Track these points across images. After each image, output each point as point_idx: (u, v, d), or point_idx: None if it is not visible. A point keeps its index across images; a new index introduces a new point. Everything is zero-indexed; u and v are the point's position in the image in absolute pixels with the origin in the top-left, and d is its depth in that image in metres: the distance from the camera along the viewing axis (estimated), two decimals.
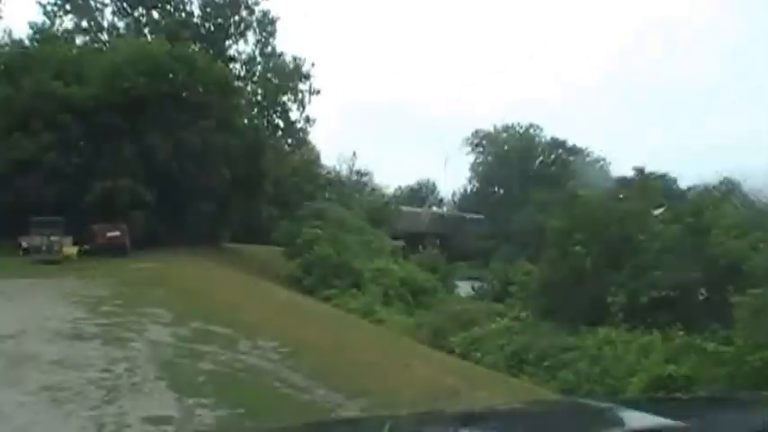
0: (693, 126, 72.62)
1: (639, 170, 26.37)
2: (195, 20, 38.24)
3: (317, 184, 41.04)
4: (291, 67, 39.37)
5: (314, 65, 39.12)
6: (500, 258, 36.17)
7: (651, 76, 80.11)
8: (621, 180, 34.72)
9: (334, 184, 45.27)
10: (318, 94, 39.04)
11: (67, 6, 36.18)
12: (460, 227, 52.50)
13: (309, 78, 39.01)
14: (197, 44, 34.03)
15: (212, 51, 34.96)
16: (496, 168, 57.09)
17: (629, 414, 1.70)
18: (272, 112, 38.98)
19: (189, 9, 38.28)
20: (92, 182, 24.82)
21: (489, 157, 58.76)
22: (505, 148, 57.70)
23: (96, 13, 37.44)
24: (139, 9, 37.49)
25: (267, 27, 39.80)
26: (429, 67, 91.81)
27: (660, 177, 35.37)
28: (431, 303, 25.46)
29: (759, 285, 12.65)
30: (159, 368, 8.50)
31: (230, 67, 36.35)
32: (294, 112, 39.37)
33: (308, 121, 39.88)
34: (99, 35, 37.30)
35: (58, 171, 24.49)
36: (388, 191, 56.32)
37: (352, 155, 53.76)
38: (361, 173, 55.00)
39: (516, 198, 51.04)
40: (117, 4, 37.41)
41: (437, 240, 40.81)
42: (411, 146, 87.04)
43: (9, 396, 6.92)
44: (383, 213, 40.43)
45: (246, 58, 40.08)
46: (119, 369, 8.35)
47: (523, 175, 53.81)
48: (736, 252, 15.73)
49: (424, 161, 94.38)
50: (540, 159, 57.54)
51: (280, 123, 39.56)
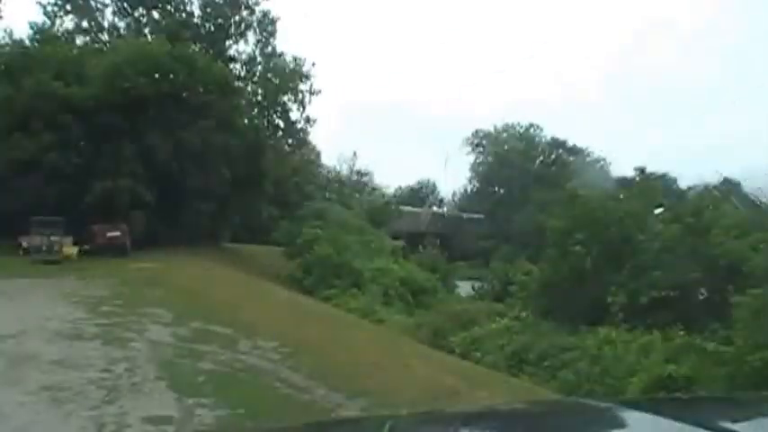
0: (693, 126, 72.64)
1: (640, 170, 26.45)
2: (195, 20, 38.18)
3: (317, 184, 41.02)
4: (292, 67, 39.25)
5: (314, 65, 39.04)
6: (500, 258, 36.17)
7: (651, 76, 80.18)
8: (622, 180, 34.82)
9: (334, 184, 45.25)
10: (319, 94, 38.92)
11: (68, 6, 36.12)
12: (461, 227, 52.46)
13: (310, 78, 38.89)
14: (197, 44, 34.00)
15: (212, 51, 34.93)
16: (497, 168, 57.02)
17: (629, 414, 1.69)
18: (272, 112, 38.87)
19: (189, 9, 38.21)
20: (92, 182, 24.84)
21: (489, 158, 58.70)
22: (506, 148, 57.63)
23: (97, 13, 37.39)
24: (140, 9, 37.44)
25: (267, 27, 39.72)
26: (429, 67, 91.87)
27: (660, 177, 35.45)
28: (431, 303, 25.47)
29: (759, 285, 12.65)
30: (159, 368, 8.50)
31: (230, 67, 36.31)
32: (294, 113, 39.25)
33: (308, 121, 39.78)
34: (99, 35, 37.26)
35: (58, 171, 24.49)
36: (389, 191, 56.31)
37: (353, 155, 53.79)
38: (361, 173, 55.02)
39: (516, 198, 51.04)
40: (117, 4, 37.37)
41: (437, 240, 40.78)
42: (411, 146, 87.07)
43: (9, 396, 6.92)
44: (383, 213, 40.40)
45: (247, 58, 40.00)
46: (119, 369, 8.35)
47: (524, 175, 53.76)
48: (736, 252, 15.74)
49: (424, 161, 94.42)
50: (541, 159, 57.49)
51: (280, 123, 39.44)
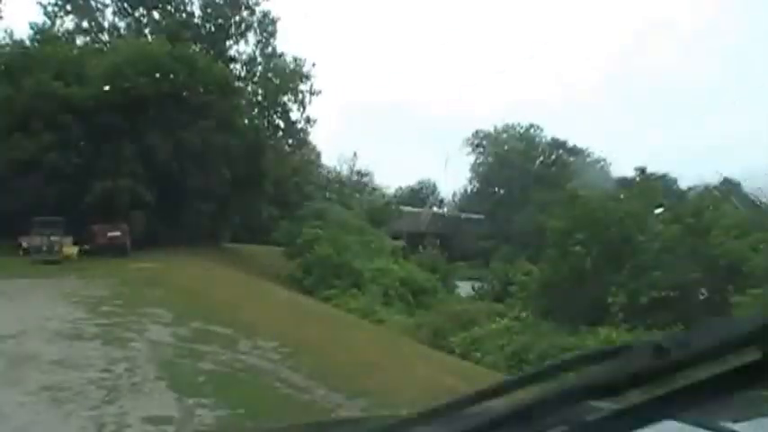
0: (693, 126, 72.50)
1: (640, 170, 26.46)
2: (196, 20, 38.23)
3: (317, 185, 41.03)
4: (292, 67, 39.31)
5: (314, 65, 39.11)
6: (500, 258, 36.14)
7: (651, 76, 79.96)
8: (622, 180, 34.80)
9: (334, 185, 45.26)
10: (319, 94, 38.99)
11: (68, 7, 36.17)
12: (461, 227, 52.46)
13: (310, 79, 38.96)
14: (197, 45, 34.03)
15: (213, 52, 34.98)
16: (497, 169, 56.99)
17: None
18: (272, 112, 38.91)
19: (189, 9, 38.27)
20: (92, 182, 24.85)
21: (490, 158, 58.67)
22: (506, 148, 57.63)
23: (97, 13, 37.44)
24: (140, 9, 37.48)
25: (268, 27, 39.77)
26: (429, 67, 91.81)
27: (660, 178, 35.43)
28: (431, 303, 25.46)
29: (759, 285, 12.67)
30: (159, 368, 8.50)
31: (231, 67, 36.36)
32: (294, 113, 39.34)
33: (308, 121, 39.83)
34: (100, 35, 37.31)
35: (58, 171, 24.50)
36: (389, 191, 56.25)
37: (353, 155, 53.79)
38: (361, 173, 55.01)
39: (516, 198, 51.00)
40: (118, 4, 37.41)
41: (437, 240, 40.77)
42: (411, 146, 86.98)
43: (9, 396, 6.92)
44: (383, 213, 40.42)
45: (247, 58, 40.06)
46: (119, 369, 8.35)
47: (524, 175, 53.75)
48: (736, 252, 15.76)
49: (424, 161, 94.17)
50: (541, 160, 57.48)
51: (280, 124, 39.49)
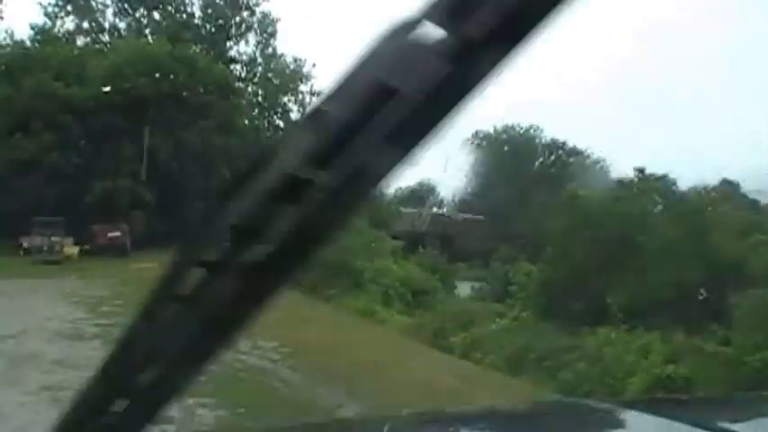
0: (693, 126, 72.51)
1: (639, 171, 26.41)
2: (196, 21, 38.27)
3: None
4: (292, 68, 39.37)
5: (315, 66, 39.17)
6: (500, 259, 36.07)
7: (651, 76, 79.91)
8: (622, 181, 34.72)
9: None
10: (319, 95, 39.01)
11: (68, 7, 36.19)
12: (460, 227, 52.43)
13: (310, 79, 39.05)
14: (198, 45, 34.07)
15: (213, 52, 35.00)
16: (497, 169, 56.96)
17: (628, 415, 1.70)
18: (272, 112, 38.97)
19: (190, 10, 38.33)
20: (92, 182, 24.88)
21: (490, 158, 58.68)
22: (506, 148, 57.64)
23: (97, 14, 37.48)
24: (140, 10, 37.51)
25: (268, 28, 39.81)
26: None
27: (660, 178, 35.38)
28: (431, 304, 25.44)
29: (759, 286, 12.66)
30: None
31: (231, 68, 36.39)
32: (295, 113, 39.39)
33: None
34: (100, 36, 37.33)
35: (58, 171, 24.52)
36: (389, 191, 56.25)
37: None
38: None
39: (516, 199, 50.96)
40: (118, 4, 37.45)
41: (437, 241, 40.78)
42: None
43: (10, 396, 6.93)
44: (383, 214, 40.41)
45: (247, 59, 40.11)
46: None
47: (524, 175, 53.74)
48: (736, 253, 15.75)
49: (424, 162, 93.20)
50: (541, 160, 57.49)
51: (280, 124, 39.57)
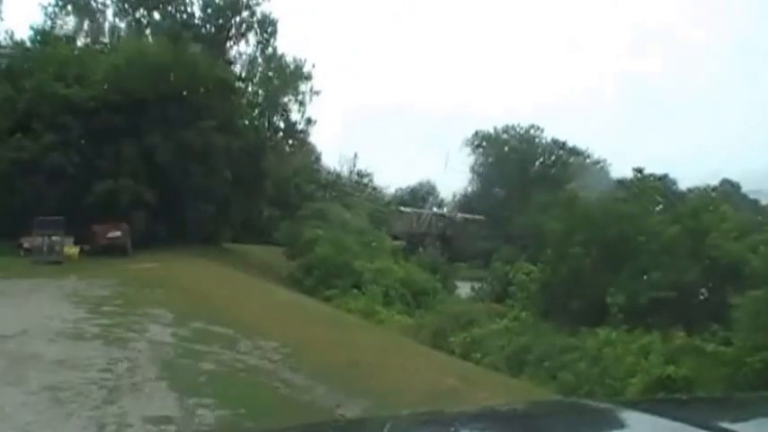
0: (693, 127, 72.60)
1: (639, 171, 26.46)
2: (196, 21, 38.32)
3: (317, 185, 41.09)
4: (292, 68, 39.43)
5: (314, 66, 39.23)
6: (500, 259, 36.09)
7: (651, 76, 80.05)
8: (622, 181, 34.75)
9: (334, 185, 45.29)
10: (319, 95, 39.12)
11: (69, 8, 36.25)
12: (461, 228, 52.50)
13: (310, 79, 39.12)
14: (198, 45, 34.07)
15: (213, 52, 35.02)
16: (497, 169, 57.02)
17: (628, 415, 1.71)
18: (272, 112, 39.02)
19: (190, 10, 38.38)
20: (93, 182, 24.85)
21: (490, 159, 58.70)
22: (506, 149, 57.68)
23: (98, 14, 37.54)
24: (141, 10, 37.54)
25: (268, 28, 39.87)
26: (430, 68, 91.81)
27: (660, 179, 35.41)
28: (431, 304, 25.48)
29: (758, 287, 12.67)
30: (160, 368, 8.52)
31: (231, 68, 36.40)
32: (295, 113, 39.46)
33: (308, 122, 39.97)
34: (100, 36, 37.35)
35: (59, 171, 24.51)
36: (389, 191, 56.24)
37: (353, 156, 53.76)
38: (361, 174, 54.97)
39: (516, 199, 50.98)
40: (118, 5, 37.49)
41: (437, 241, 40.85)
42: (412, 147, 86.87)
43: (11, 396, 6.93)
44: (384, 214, 40.45)
45: (247, 59, 40.18)
46: (120, 369, 8.36)
47: (524, 176, 53.76)
48: (736, 253, 15.77)
49: (424, 162, 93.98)
50: (541, 160, 57.49)
51: (280, 124, 39.62)
